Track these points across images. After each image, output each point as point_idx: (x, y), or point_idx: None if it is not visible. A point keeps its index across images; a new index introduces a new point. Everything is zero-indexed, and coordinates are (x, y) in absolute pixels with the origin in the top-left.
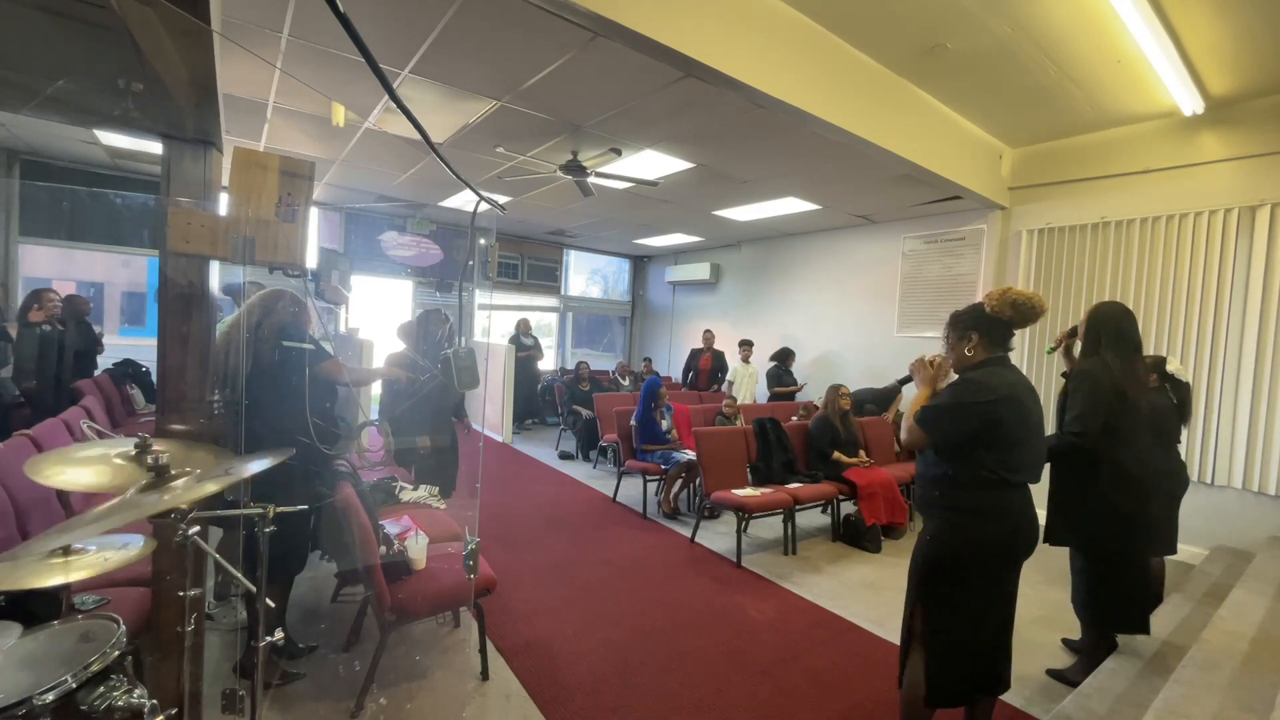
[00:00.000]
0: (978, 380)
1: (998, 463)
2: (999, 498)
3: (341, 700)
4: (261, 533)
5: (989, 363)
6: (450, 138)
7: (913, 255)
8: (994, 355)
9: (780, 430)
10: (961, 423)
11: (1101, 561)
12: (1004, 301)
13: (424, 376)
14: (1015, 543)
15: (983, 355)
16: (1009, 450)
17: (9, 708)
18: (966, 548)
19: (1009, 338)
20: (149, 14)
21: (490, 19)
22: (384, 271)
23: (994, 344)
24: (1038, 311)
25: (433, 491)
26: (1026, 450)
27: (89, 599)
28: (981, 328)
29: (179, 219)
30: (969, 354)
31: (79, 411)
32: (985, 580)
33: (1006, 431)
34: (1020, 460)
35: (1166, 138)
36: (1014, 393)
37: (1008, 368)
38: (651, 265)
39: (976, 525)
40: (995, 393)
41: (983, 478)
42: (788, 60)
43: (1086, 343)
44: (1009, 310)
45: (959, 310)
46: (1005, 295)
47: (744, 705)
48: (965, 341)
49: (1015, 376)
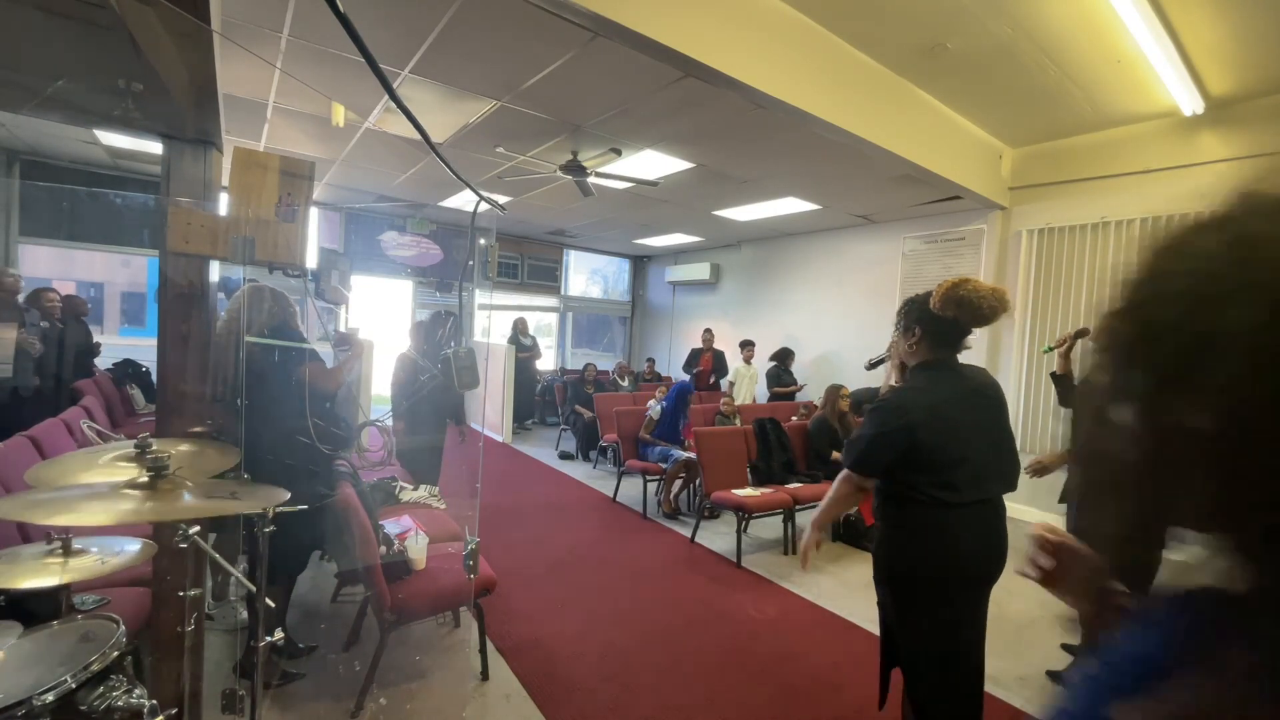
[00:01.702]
0: (894, 404)
1: (930, 484)
2: (937, 517)
3: (341, 700)
4: (261, 533)
5: (927, 367)
6: (450, 138)
7: (913, 255)
8: (937, 357)
9: (780, 430)
10: (881, 453)
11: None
12: (949, 299)
13: (424, 376)
14: (964, 565)
15: (925, 355)
16: (940, 471)
17: (9, 708)
18: (908, 568)
19: (958, 338)
20: (149, 14)
21: (490, 19)
22: (384, 271)
23: (937, 345)
24: (992, 312)
25: (433, 491)
26: (965, 468)
27: (89, 599)
28: (925, 324)
29: (179, 219)
30: (911, 349)
31: (79, 411)
32: (933, 602)
33: (930, 455)
34: (957, 479)
35: (1166, 138)
36: (937, 413)
37: (944, 376)
38: (651, 265)
39: (916, 544)
40: (909, 416)
41: (916, 499)
42: (788, 60)
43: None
44: (953, 309)
45: (912, 298)
46: (953, 290)
47: (744, 705)
48: (910, 335)
49: (949, 389)
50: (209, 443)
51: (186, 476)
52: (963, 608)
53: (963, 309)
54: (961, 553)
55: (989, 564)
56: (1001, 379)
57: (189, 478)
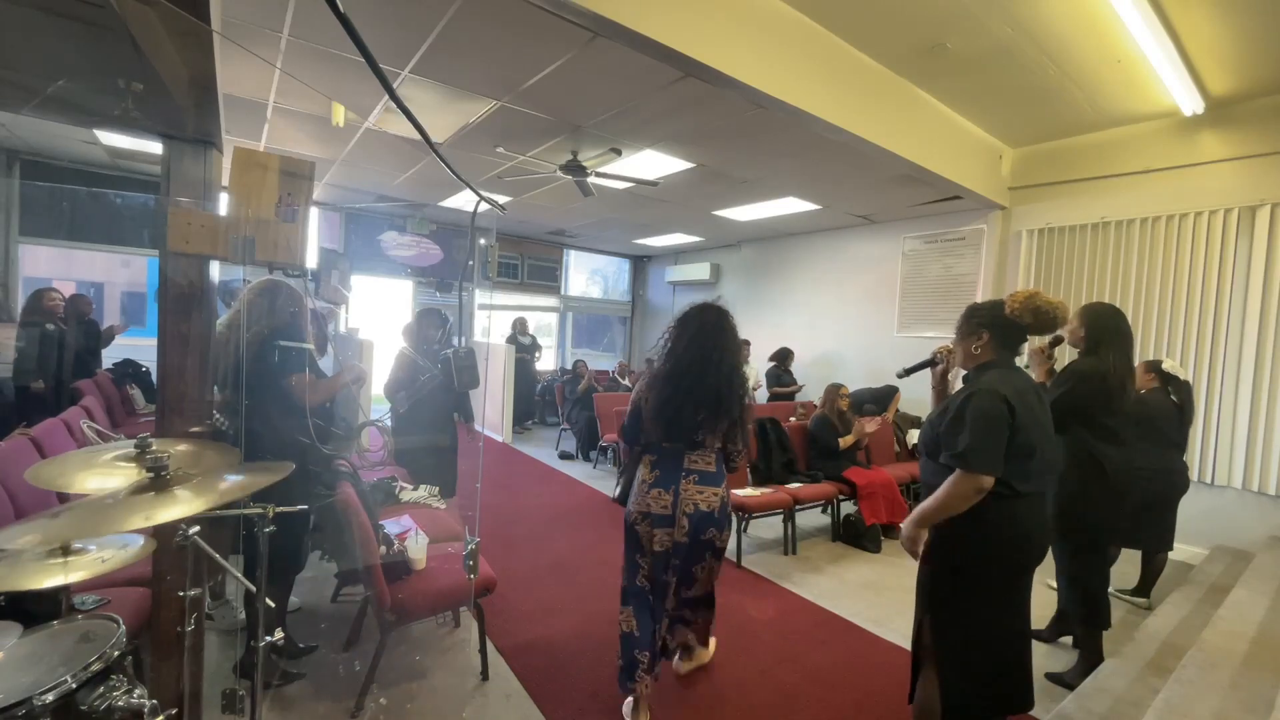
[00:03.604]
0: (983, 389)
1: (1008, 473)
2: (1006, 508)
3: (341, 700)
4: (261, 533)
5: (993, 366)
6: (450, 138)
7: (913, 255)
8: (1000, 359)
9: (780, 430)
10: (995, 438)
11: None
12: (1026, 307)
13: (424, 376)
14: (1024, 551)
15: (989, 356)
16: (1020, 459)
17: (9, 708)
18: (973, 557)
19: (1020, 343)
20: (149, 14)
21: (490, 19)
22: (384, 271)
23: (1003, 347)
24: (1056, 323)
25: (433, 491)
26: (1037, 459)
27: (89, 599)
28: (995, 328)
29: (179, 219)
30: (976, 351)
31: (79, 411)
32: (993, 591)
33: (1020, 439)
34: (1031, 469)
35: (1166, 138)
36: (1024, 399)
37: (1015, 371)
38: (651, 265)
39: (982, 534)
40: (1005, 396)
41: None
42: (788, 60)
43: (1087, 343)
44: (1029, 316)
45: (978, 304)
46: (1030, 300)
47: (744, 705)
48: (974, 338)
49: (1022, 381)
50: (209, 443)
51: (186, 476)
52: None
53: (1037, 317)
54: (1025, 539)
55: (1041, 552)
56: None
57: (189, 477)
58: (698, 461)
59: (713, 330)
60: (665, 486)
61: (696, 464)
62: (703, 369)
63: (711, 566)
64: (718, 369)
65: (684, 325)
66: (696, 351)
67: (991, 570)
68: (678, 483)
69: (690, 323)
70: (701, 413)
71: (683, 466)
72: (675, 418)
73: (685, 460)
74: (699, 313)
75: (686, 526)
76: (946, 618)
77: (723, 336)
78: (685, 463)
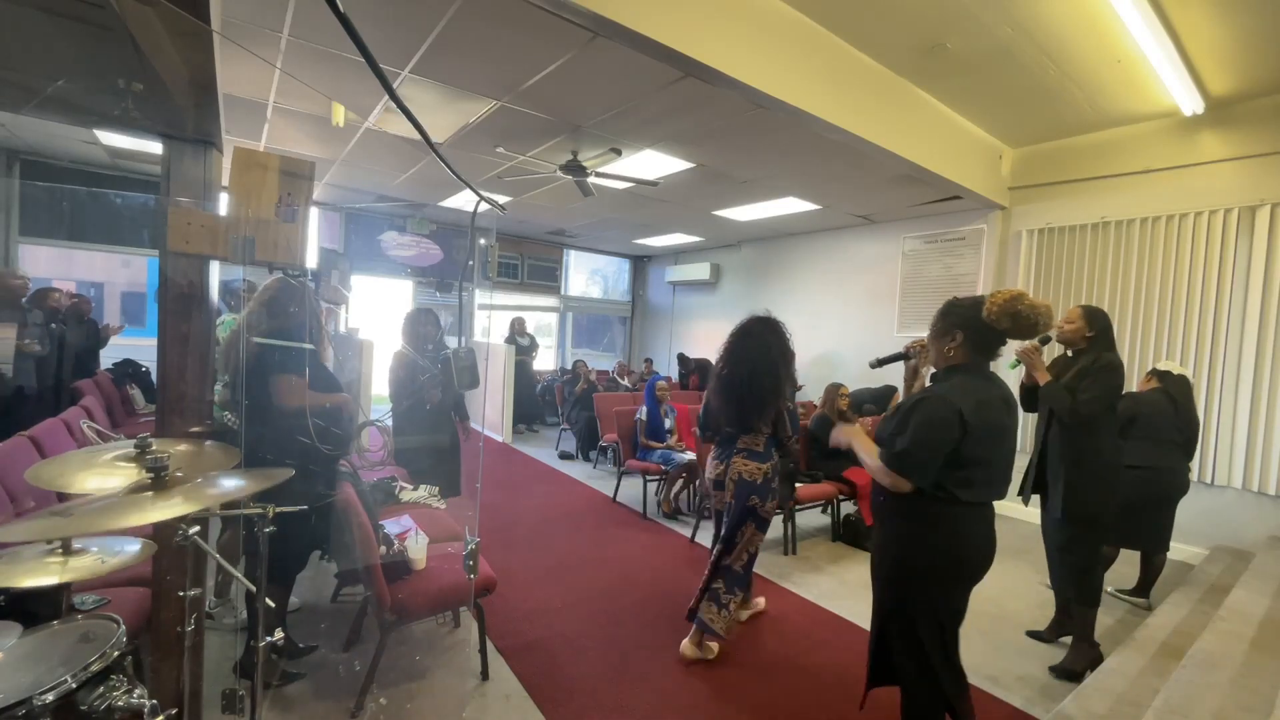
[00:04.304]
0: (937, 396)
1: (952, 480)
2: (952, 514)
3: (341, 700)
4: (261, 533)
5: (962, 369)
6: (450, 138)
7: (913, 255)
8: (973, 362)
9: None
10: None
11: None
12: (1005, 311)
13: (423, 376)
14: (963, 562)
15: (961, 359)
16: (965, 467)
17: (9, 708)
18: (911, 561)
19: (997, 347)
20: (149, 14)
21: (490, 19)
22: (384, 271)
23: (977, 350)
24: (1041, 328)
25: (433, 491)
26: (986, 470)
27: (89, 599)
28: (970, 330)
29: (179, 219)
30: (948, 353)
31: (79, 411)
32: (931, 596)
33: (968, 450)
34: (976, 479)
35: (1166, 138)
36: (984, 411)
37: (978, 380)
38: (651, 265)
39: (932, 540)
40: (957, 405)
41: (935, 495)
42: (788, 60)
43: (1099, 340)
44: (1006, 321)
45: (956, 300)
46: (1011, 304)
47: (744, 705)
48: (948, 338)
49: (990, 390)
50: (209, 443)
51: (186, 476)
52: (958, 602)
53: (1016, 322)
54: (969, 551)
55: (985, 563)
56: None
57: (188, 478)
58: (748, 443)
59: (757, 339)
60: (721, 460)
61: (747, 445)
62: (750, 371)
63: (752, 537)
64: (761, 371)
65: (737, 336)
66: (743, 356)
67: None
68: (730, 458)
69: (741, 333)
70: (749, 405)
71: (736, 445)
72: (731, 409)
73: (739, 441)
74: (749, 324)
75: (732, 490)
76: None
77: (765, 344)
78: (739, 443)
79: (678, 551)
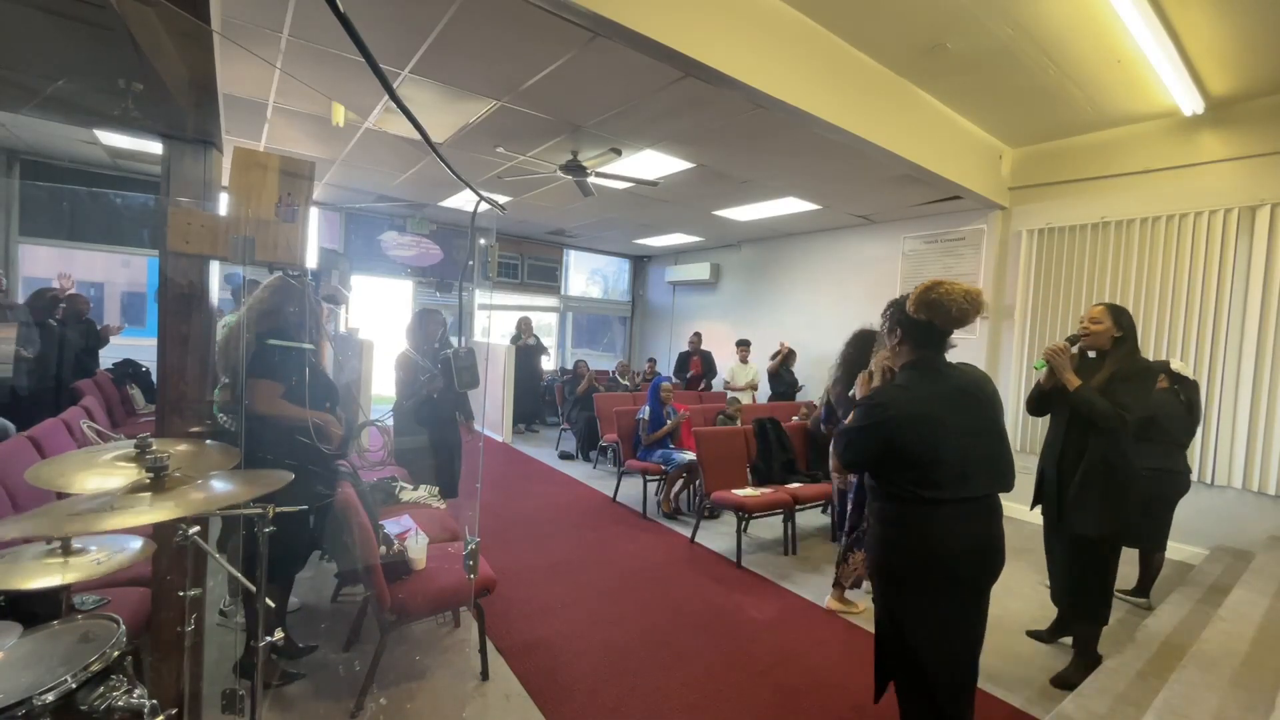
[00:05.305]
0: (874, 401)
1: (911, 481)
2: (920, 514)
3: (341, 700)
4: (261, 533)
5: (912, 367)
6: (450, 138)
7: (913, 255)
8: (920, 357)
9: (780, 430)
10: (867, 444)
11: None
12: (921, 302)
13: (424, 377)
14: (940, 563)
15: (907, 356)
16: (920, 468)
17: (9, 708)
18: (897, 563)
19: (939, 338)
20: (149, 14)
21: (490, 19)
22: (384, 271)
23: (918, 345)
24: (963, 315)
25: (433, 491)
26: (946, 467)
27: (89, 599)
28: (904, 326)
29: (179, 219)
30: (896, 351)
31: (79, 411)
32: (920, 600)
33: (909, 452)
34: (939, 476)
35: (1166, 138)
36: (921, 410)
37: (927, 375)
38: (651, 265)
39: (902, 540)
40: (888, 412)
41: (901, 495)
42: (788, 60)
43: (1127, 340)
44: (925, 313)
45: (895, 299)
46: (926, 294)
47: (744, 705)
48: (893, 337)
49: (930, 388)
50: (209, 443)
51: (185, 477)
52: (952, 609)
53: (934, 311)
54: (947, 551)
55: (980, 565)
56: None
57: (188, 478)
58: None
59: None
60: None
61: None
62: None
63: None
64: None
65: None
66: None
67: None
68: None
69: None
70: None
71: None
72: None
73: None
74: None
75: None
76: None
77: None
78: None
79: (678, 551)
